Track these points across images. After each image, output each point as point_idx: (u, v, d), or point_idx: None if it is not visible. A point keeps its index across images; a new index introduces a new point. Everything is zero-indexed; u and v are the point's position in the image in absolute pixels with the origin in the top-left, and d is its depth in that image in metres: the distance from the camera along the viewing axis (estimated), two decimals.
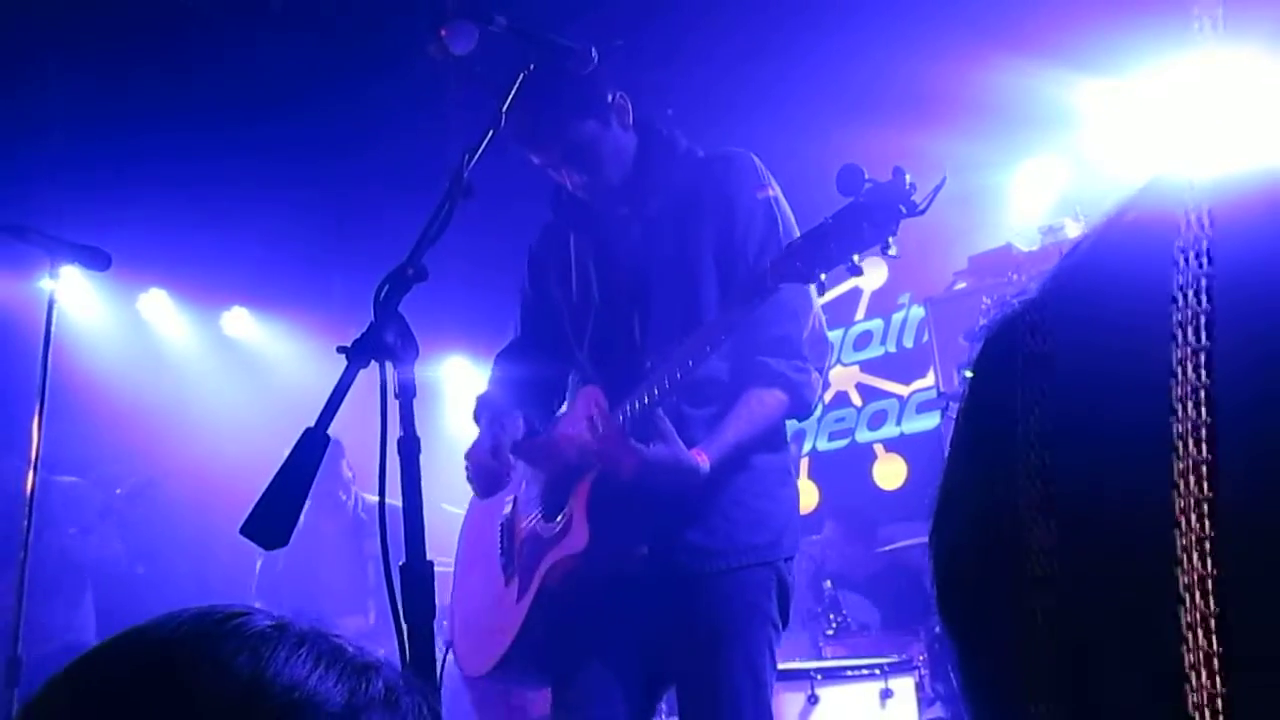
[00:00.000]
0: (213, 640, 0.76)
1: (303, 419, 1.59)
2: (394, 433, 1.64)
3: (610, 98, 2.48)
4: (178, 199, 5.69)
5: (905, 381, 6.47)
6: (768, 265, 2.20)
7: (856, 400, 6.69)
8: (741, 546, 2.38)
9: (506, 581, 2.57)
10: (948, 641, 0.53)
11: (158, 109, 5.46)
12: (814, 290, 2.33)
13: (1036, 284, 0.52)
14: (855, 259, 2.06)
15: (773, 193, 2.48)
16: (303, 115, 5.42)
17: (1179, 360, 0.42)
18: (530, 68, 2.15)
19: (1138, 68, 4.93)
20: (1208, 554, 0.40)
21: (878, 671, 3.71)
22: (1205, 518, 0.40)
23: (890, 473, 6.44)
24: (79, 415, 5.30)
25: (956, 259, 5.41)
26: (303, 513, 1.58)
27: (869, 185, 2.01)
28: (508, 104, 2.07)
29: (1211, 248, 0.43)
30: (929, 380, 5.66)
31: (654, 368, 2.35)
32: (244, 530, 1.51)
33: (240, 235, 6.05)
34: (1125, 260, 0.48)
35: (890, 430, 6.51)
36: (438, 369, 7.00)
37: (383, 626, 4.11)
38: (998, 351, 0.52)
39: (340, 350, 1.66)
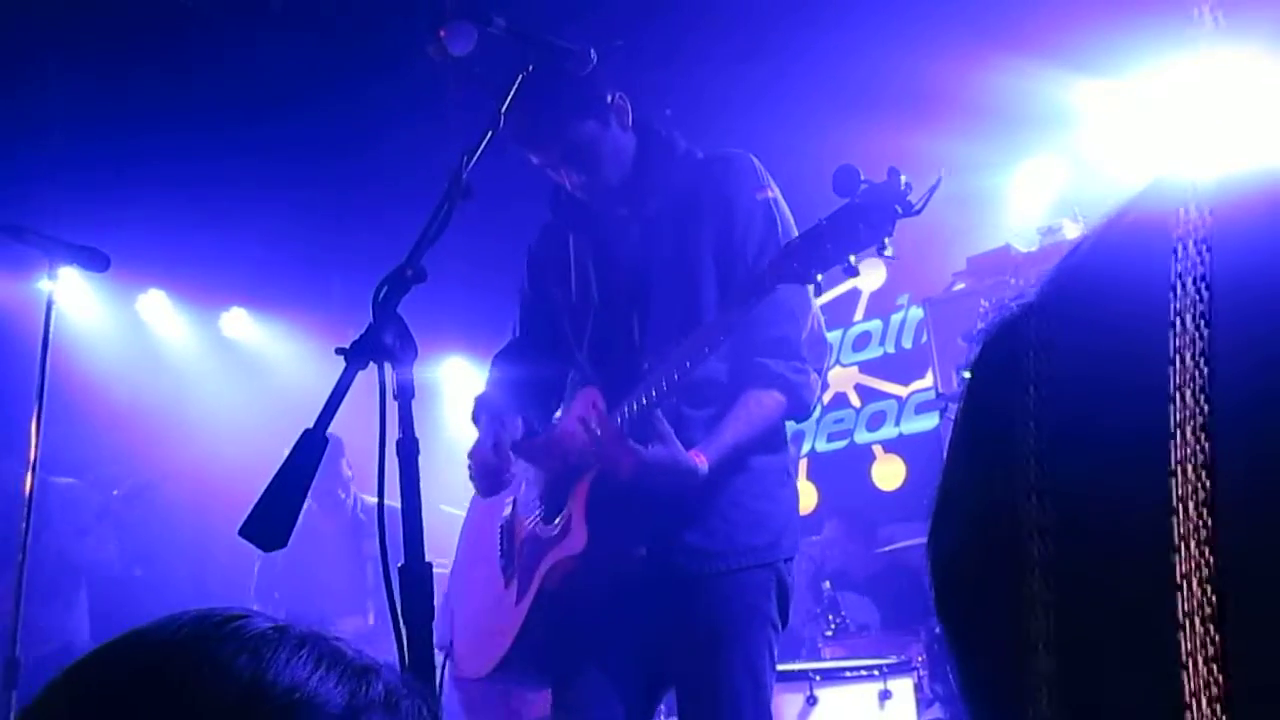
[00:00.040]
0: (212, 642, 0.76)
1: (301, 420, 1.59)
2: (393, 434, 1.64)
3: (609, 98, 2.48)
4: (177, 199, 5.68)
5: (904, 382, 6.47)
6: (765, 266, 2.20)
7: (855, 401, 6.70)
8: (740, 548, 2.38)
9: (506, 583, 2.57)
10: (946, 643, 0.52)
11: (157, 109, 5.44)
12: (812, 291, 2.33)
13: (1035, 286, 0.51)
14: (851, 260, 2.06)
15: (772, 194, 2.48)
16: (302, 115, 5.41)
17: (1177, 349, 0.42)
18: (529, 68, 2.15)
19: (1137, 68, 4.93)
20: (1205, 541, 0.40)
21: (877, 672, 3.72)
22: (1203, 505, 0.40)
23: (889, 473, 6.45)
24: (77, 416, 5.29)
25: (955, 260, 5.41)
26: (302, 513, 1.58)
27: (865, 186, 2.02)
28: (507, 105, 2.07)
29: (1211, 245, 0.43)
30: (928, 381, 5.66)
31: (652, 368, 2.35)
32: (242, 532, 1.51)
33: (239, 236, 6.04)
34: (1125, 262, 0.48)
35: (889, 431, 6.51)
36: (436, 370, 7.00)
37: (382, 627, 4.08)
38: (996, 353, 0.52)
39: (339, 352, 1.66)
